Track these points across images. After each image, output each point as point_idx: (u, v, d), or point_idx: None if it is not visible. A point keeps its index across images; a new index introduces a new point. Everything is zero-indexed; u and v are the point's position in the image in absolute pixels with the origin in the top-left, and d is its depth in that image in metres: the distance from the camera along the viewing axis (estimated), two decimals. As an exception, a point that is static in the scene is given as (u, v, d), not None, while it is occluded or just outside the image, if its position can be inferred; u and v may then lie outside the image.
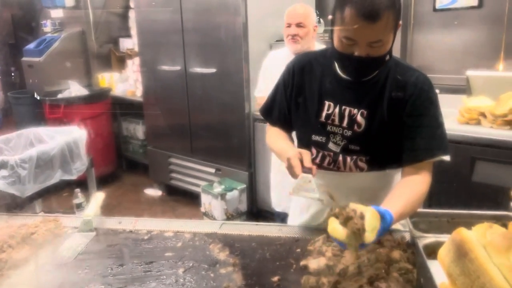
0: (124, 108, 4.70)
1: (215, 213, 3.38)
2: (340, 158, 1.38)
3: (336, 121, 1.36)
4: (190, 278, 1.25)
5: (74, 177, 2.24)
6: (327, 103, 1.37)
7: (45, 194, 2.30)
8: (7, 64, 6.86)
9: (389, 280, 1.07)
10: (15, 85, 6.40)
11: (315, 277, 1.15)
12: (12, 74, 6.89)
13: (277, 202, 2.83)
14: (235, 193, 3.40)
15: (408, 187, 1.26)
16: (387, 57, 1.27)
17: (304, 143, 1.44)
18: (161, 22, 3.81)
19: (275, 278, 1.21)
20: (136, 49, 4.39)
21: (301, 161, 1.24)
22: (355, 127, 1.34)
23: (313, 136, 1.40)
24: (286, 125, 1.51)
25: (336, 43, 1.25)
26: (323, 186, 1.35)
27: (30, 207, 2.32)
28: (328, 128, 1.37)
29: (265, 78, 2.83)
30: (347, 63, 1.28)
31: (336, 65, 1.35)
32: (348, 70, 1.31)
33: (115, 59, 5.00)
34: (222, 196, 3.34)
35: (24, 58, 4.90)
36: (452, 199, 2.40)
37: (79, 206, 2.40)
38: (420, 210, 1.32)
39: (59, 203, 3.41)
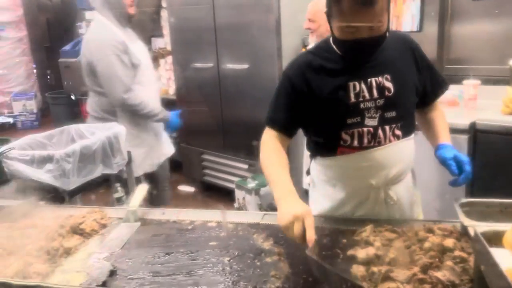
0: (157, 106, 4.76)
1: (249, 208, 3.39)
2: (380, 131, 1.41)
3: (367, 96, 1.39)
4: (237, 267, 1.25)
5: (114, 171, 2.28)
6: (351, 84, 1.38)
7: (86, 188, 2.35)
8: (44, 66, 7.11)
9: (443, 268, 1.04)
10: (52, 86, 6.62)
11: (365, 266, 1.14)
12: (48, 76, 7.14)
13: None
14: (268, 188, 3.39)
15: (444, 120, 1.55)
16: (387, 34, 1.34)
17: (335, 133, 1.43)
18: (193, 20, 3.85)
19: (323, 267, 1.19)
20: (168, 48, 4.44)
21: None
22: (386, 93, 1.40)
23: (347, 120, 1.40)
24: (291, 130, 1.48)
25: (337, 33, 1.33)
26: None
27: (71, 202, 2.38)
28: (361, 106, 1.39)
29: None
30: (354, 47, 1.33)
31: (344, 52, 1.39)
32: (355, 54, 1.37)
33: (147, 59, 5.07)
34: (256, 191, 3.35)
35: (61, 59, 5.06)
36: (500, 190, 2.32)
37: (119, 200, 2.44)
38: (472, 199, 1.30)
39: (96, 199, 3.49)
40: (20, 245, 1.37)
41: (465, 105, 2.73)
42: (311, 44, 2.90)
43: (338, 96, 1.39)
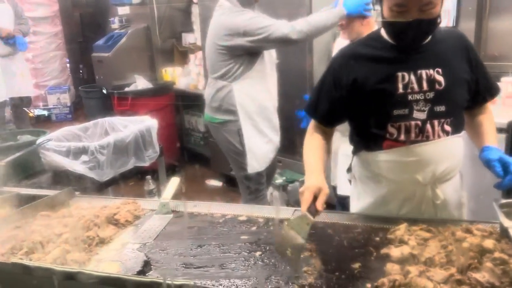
0: (186, 101, 4.82)
1: (277, 204, 3.38)
2: (428, 125, 1.37)
3: (416, 88, 1.36)
4: (268, 261, 1.25)
5: (146, 164, 2.33)
6: (399, 74, 1.36)
7: (119, 180, 2.41)
8: (77, 61, 7.29)
9: (482, 270, 1.01)
10: (85, 80, 6.79)
11: (399, 265, 1.12)
12: (80, 70, 7.32)
13: (340, 186, 2.69)
14: (296, 184, 3.39)
15: (492, 123, 1.48)
16: (439, 20, 1.31)
17: (381, 125, 1.41)
18: (224, 15, 3.85)
19: (356, 265, 1.18)
20: (198, 43, 4.47)
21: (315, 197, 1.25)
22: (437, 86, 1.36)
23: (394, 111, 1.37)
24: (331, 121, 1.52)
25: (387, 14, 1.32)
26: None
27: (104, 193, 2.44)
28: (409, 97, 1.36)
29: None
30: (402, 29, 1.31)
31: (393, 35, 1.37)
32: (404, 37, 1.34)
33: (177, 54, 5.13)
34: (284, 187, 3.34)
35: (94, 54, 5.16)
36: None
37: (150, 193, 2.49)
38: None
39: (126, 192, 3.57)
40: (58, 233, 1.41)
41: (503, 103, 2.64)
42: (339, 42, 2.84)
43: (385, 86, 1.37)
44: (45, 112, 6.56)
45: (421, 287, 1.01)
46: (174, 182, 1.70)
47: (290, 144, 3.61)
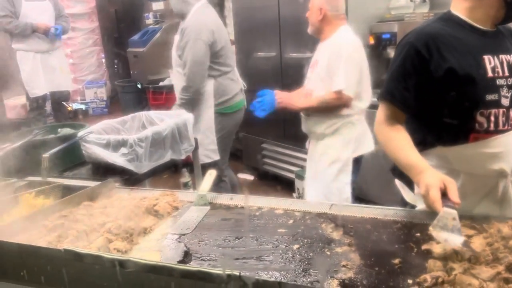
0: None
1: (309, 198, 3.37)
2: (511, 112, 1.33)
3: (501, 73, 1.33)
4: (306, 255, 1.25)
5: (182, 157, 2.37)
6: (486, 57, 1.33)
7: (155, 173, 2.45)
8: (113, 56, 7.48)
9: (532, 269, 0.98)
10: (120, 75, 6.96)
11: (442, 261, 1.09)
12: (115, 65, 7.50)
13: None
14: (330, 179, 3.35)
15: None
16: None
17: (469, 114, 1.33)
18: (257, 9, 3.86)
19: (396, 261, 1.16)
20: (231, 37, 4.48)
21: (443, 193, 1.17)
22: None
23: (486, 96, 1.31)
24: (412, 104, 1.40)
25: None
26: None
27: (141, 185, 2.50)
28: (497, 82, 1.33)
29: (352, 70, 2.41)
30: None
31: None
32: None
33: (210, 48, 5.16)
34: (317, 182, 3.31)
35: (129, 49, 5.28)
36: None
37: (185, 185, 2.54)
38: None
39: (161, 184, 3.64)
40: (101, 223, 1.45)
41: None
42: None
43: (475, 68, 1.31)
44: (83, 106, 6.77)
45: (466, 284, 0.98)
46: (211, 175, 1.72)
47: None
